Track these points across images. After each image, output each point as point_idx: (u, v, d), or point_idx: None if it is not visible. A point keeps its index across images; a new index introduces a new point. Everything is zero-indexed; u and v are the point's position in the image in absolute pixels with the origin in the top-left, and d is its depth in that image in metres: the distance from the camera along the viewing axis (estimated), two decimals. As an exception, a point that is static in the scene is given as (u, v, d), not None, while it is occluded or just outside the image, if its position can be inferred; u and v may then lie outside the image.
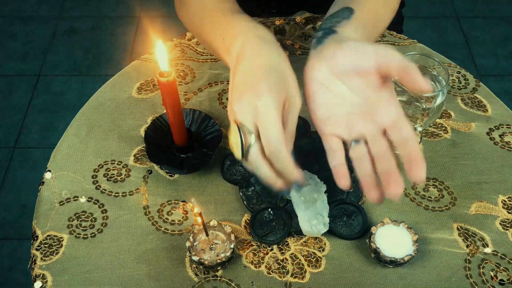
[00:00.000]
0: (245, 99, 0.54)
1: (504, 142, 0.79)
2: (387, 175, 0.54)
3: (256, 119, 0.54)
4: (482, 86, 0.86)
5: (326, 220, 0.66)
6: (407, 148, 0.52)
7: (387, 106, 0.55)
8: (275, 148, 0.53)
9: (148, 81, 0.86)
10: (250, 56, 0.58)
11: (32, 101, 1.87)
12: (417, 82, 0.52)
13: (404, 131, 0.53)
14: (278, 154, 0.53)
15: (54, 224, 0.70)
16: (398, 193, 0.52)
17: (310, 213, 0.66)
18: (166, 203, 0.72)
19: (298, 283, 0.65)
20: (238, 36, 0.60)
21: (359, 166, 0.56)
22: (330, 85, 0.57)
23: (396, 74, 0.53)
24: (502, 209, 0.72)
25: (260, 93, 0.53)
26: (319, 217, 0.66)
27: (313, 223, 0.66)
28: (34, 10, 2.17)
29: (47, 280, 0.65)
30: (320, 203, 0.67)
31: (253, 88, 0.54)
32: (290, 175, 0.55)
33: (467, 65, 1.98)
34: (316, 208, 0.66)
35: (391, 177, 0.53)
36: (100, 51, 2.02)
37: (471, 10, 2.20)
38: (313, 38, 0.63)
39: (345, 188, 0.56)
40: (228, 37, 0.62)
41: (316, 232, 0.66)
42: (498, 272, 0.66)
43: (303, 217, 0.65)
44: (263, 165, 0.55)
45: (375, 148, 0.55)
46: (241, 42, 0.60)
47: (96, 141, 0.78)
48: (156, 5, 2.17)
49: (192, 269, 0.66)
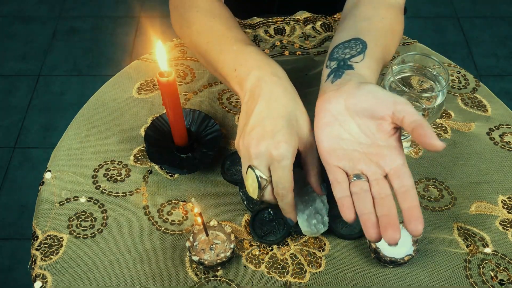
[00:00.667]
0: (263, 147, 0.58)
1: (504, 142, 0.79)
2: (386, 218, 0.54)
3: (271, 165, 0.59)
4: (482, 86, 0.86)
5: (326, 219, 0.66)
6: (407, 202, 0.53)
7: (394, 153, 0.56)
8: (283, 194, 0.60)
9: (148, 81, 0.86)
10: (267, 98, 0.61)
11: (32, 101, 1.87)
12: (430, 139, 0.53)
13: (405, 181, 0.54)
14: (285, 199, 0.61)
15: (54, 224, 0.70)
16: (395, 239, 0.52)
17: (309, 212, 0.66)
18: (166, 203, 0.72)
19: (298, 283, 0.65)
20: (252, 70, 0.63)
21: (358, 201, 0.56)
22: (342, 121, 0.59)
23: (409, 129, 0.54)
24: (502, 209, 0.72)
25: (278, 144, 0.58)
26: (318, 217, 0.66)
27: (312, 222, 0.66)
28: (34, 10, 2.17)
29: (47, 280, 0.65)
30: (319, 202, 0.66)
31: (271, 137, 0.58)
32: (287, 214, 0.63)
33: (467, 65, 1.98)
34: (315, 207, 0.66)
35: (390, 222, 0.53)
36: (100, 51, 2.02)
37: (471, 10, 2.20)
38: (326, 67, 0.65)
39: (349, 221, 0.56)
40: (240, 69, 0.64)
41: (316, 231, 0.66)
42: (498, 272, 0.66)
43: (302, 216, 0.66)
44: (275, 201, 0.63)
45: (376, 189, 0.56)
46: (256, 78, 0.62)
47: (96, 141, 0.78)
48: (156, 5, 2.17)
49: (192, 269, 0.66)
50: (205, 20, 0.72)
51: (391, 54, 0.72)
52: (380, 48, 0.68)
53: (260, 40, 0.91)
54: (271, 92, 0.61)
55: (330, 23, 0.94)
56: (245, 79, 0.63)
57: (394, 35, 0.73)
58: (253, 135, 0.59)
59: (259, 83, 0.62)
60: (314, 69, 0.87)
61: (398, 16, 0.76)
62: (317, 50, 0.90)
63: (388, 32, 0.71)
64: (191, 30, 0.73)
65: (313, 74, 0.87)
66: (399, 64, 0.71)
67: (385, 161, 0.56)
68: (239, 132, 0.62)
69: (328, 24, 0.94)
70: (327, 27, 0.93)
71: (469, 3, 2.22)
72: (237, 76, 0.64)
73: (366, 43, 0.66)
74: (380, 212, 0.54)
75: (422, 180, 0.75)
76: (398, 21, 0.75)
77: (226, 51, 0.67)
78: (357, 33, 0.69)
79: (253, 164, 0.60)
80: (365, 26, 0.70)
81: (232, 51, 0.66)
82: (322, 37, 0.92)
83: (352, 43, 0.67)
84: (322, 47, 0.90)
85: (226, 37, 0.69)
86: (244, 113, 0.62)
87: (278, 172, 0.59)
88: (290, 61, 0.88)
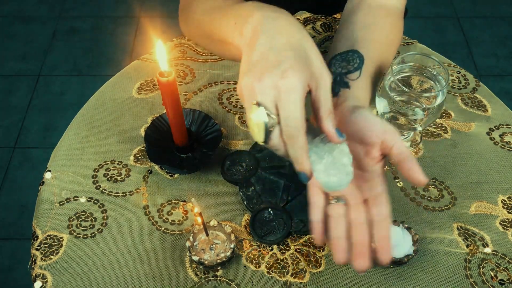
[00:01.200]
0: (266, 79, 0.50)
1: (504, 142, 0.79)
2: (359, 246, 0.55)
3: (278, 101, 0.50)
4: (482, 86, 0.86)
5: (349, 169, 0.55)
6: (380, 231, 0.55)
7: (376, 179, 0.57)
8: (294, 135, 0.51)
9: (148, 81, 0.86)
10: (270, 32, 0.53)
11: (32, 101, 1.87)
12: (416, 173, 0.54)
13: (383, 210, 0.56)
14: (296, 142, 0.51)
15: (54, 224, 0.70)
16: (363, 268, 0.54)
17: (326, 162, 0.55)
18: (166, 203, 0.72)
19: (298, 283, 0.65)
20: (253, 14, 0.56)
21: (333, 225, 0.57)
22: None
23: (396, 160, 0.55)
24: (502, 209, 0.72)
25: (284, 74, 0.50)
26: (339, 166, 0.55)
27: (331, 172, 0.54)
28: (34, 10, 2.17)
29: (47, 280, 0.65)
30: (339, 152, 0.55)
31: (275, 67, 0.50)
32: (300, 165, 0.52)
33: (467, 65, 1.98)
34: (333, 157, 0.55)
35: (362, 251, 0.55)
36: (100, 51, 2.02)
37: (471, 10, 2.20)
38: None
39: (317, 244, 0.57)
40: (241, 19, 0.58)
41: (337, 182, 0.54)
42: (498, 272, 0.66)
43: (319, 168, 0.54)
44: (283, 147, 0.53)
45: (354, 214, 0.56)
46: (257, 18, 0.55)
47: (96, 141, 0.78)
48: (156, 5, 2.17)
49: (192, 269, 0.66)
50: (210, 2, 0.70)
51: (388, 64, 0.73)
52: (376, 63, 0.69)
53: (260, 40, 0.91)
54: (274, 26, 0.54)
55: (330, 23, 0.94)
56: (244, 25, 0.56)
57: (392, 46, 0.74)
58: (255, 70, 0.51)
59: (260, 22, 0.54)
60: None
61: (397, 23, 0.76)
62: (317, 50, 0.90)
63: (386, 43, 0.72)
64: (196, 14, 0.72)
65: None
66: (399, 64, 0.71)
67: (367, 185, 0.57)
68: (241, 75, 0.53)
69: (328, 24, 0.94)
70: (327, 27, 0.93)
71: (469, 3, 2.22)
72: (237, 28, 0.58)
73: (363, 58, 0.66)
74: (355, 238, 0.56)
75: (422, 180, 0.75)
76: (396, 28, 0.76)
77: (227, 14, 0.62)
78: (355, 43, 0.69)
79: (257, 101, 0.51)
80: (363, 36, 0.71)
81: (233, 10, 0.61)
82: (322, 37, 0.92)
83: (350, 55, 0.67)
84: (322, 47, 0.90)
85: (228, 6, 0.64)
86: (246, 56, 0.54)
87: (287, 107, 0.50)
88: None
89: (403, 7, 0.78)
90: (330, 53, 0.71)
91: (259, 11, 0.55)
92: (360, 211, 0.56)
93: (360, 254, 0.54)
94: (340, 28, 0.76)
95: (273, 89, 0.50)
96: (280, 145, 0.52)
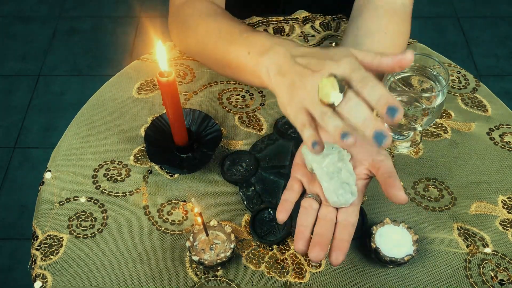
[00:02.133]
0: (325, 70, 0.51)
1: (504, 142, 0.79)
2: (319, 237, 0.56)
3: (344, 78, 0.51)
4: (482, 86, 0.86)
5: (354, 189, 0.60)
6: (342, 234, 0.56)
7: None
8: (371, 79, 0.49)
9: (148, 81, 0.86)
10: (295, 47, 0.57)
11: (32, 101, 1.87)
12: (397, 190, 0.55)
13: (351, 219, 0.58)
14: (375, 84, 0.49)
15: (54, 224, 0.70)
16: (317, 259, 0.55)
17: (335, 183, 0.60)
18: (166, 203, 0.72)
19: (298, 283, 0.65)
20: (273, 46, 0.59)
21: (302, 213, 0.58)
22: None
23: (382, 178, 0.57)
24: (502, 209, 0.72)
25: (339, 61, 0.51)
26: (346, 186, 0.60)
27: (339, 192, 0.60)
28: (34, 10, 2.17)
29: (47, 280, 0.65)
30: (345, 172, 0.61)
31: (328, 59, 0.52)
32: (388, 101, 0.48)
33: (467, 65, 1.98)
34: (341, 177, 0.61)
35: (321, 242, 0.56)
36: (100, 51, 2.02)
37: (471, 10, 2.20)
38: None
39: (279, 220, 0.58)
40: (254, 50, 0.61)
41: (344, 201, 0.60)
42: (498, 272, 0.66)
43: (328, 188, 0.60)
44: (362, 104, 0.49)
45: (324, 211, 0.59)
46: (282, 52, 0.57)
47: (96, 141, 0.78)
48: (156, 5, 2.17)
49: (192, 269, 0.66)
50: (210, 21, 0.72)
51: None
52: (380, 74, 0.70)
53: (260, 40, 0.91)
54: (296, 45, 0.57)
55: (329, 21, 0.94)
56: (262, 55, 0.59)
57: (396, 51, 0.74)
58: (304, 72, 0.53)
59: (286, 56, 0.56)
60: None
61: (403, 26, 0.76)
62: (317, 50, 0.90)
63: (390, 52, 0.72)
64: (196, 33, 0.73)
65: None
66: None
67: None
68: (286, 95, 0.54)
69: (327, 23, 0.94)
70: (326, 25, 0.93)
71: (469, 3, 2.22)
72: (252, 58, 0.61)
73: None
74: (317, 230, 0.57)
75: (422, 180, 0.75)
76: (401, 32, 0.76)
77: (236, 41, 0.65)
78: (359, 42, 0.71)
79: (330, 73, 0.51)
80: (367, 45, 0.72)
81: (242, 38, 0.64)
82: (321, 36, 0.92)
83: None
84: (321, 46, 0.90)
85: (234, 31, 0.67)
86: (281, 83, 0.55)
87: (356, 71, 0.50)
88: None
89: (411, 4, 0.78)
90: None
91: (280, 46, 0.58)
92: (330, 212, 0.59)
93: (318, 244, 0.55)
94: (347, 31, 0.77)
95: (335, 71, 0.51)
96: (358, 101, 0.50)
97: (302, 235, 0.56)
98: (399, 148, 0.78)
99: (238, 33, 0.66)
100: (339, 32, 0.92)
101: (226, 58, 0.67)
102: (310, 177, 0.61)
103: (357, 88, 0.49)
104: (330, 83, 0.50)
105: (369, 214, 0.70)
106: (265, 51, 0.59)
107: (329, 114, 0.50)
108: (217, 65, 0.72)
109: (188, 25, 0.75)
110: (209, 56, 0.72)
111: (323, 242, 0.55)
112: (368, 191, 0.73)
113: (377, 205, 0.72)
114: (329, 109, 0.50)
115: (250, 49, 0.61)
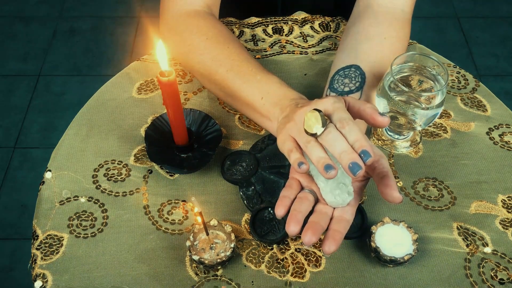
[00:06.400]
0: (311, 105, 0.58)
1: (503, 141, 0.79)
2: (313, 224, 0.57)
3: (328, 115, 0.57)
4: (481, 86, 0.86)
5: (350, 189, 0.61)
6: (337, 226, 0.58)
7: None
8: (348, 122, 0.55)
9: (148, 81, 0.86)
10: (301, 99, 0.65)
11: (32, 101, 1.87)
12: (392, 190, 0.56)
13: (346, 216, 0.59)
14: (352, 128, 0.55)
15: (55, 224, 0.70)
16: (309, 243, 0.55)
17: (332, 183, 0.61)
18: (166, 202, 0.72)
19: (298, 282, 0.65)
20: (282, 100, 0.65)
21: (298, 202, 0.59)
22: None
23: (377, 177, 0.58)
24: (502, 209, 0.72)
25: (323, 100, 0.58)
26: (342, 186, 0.61)
27: (336, 193, 0.61)
28: (34, 10, 2.17)
29: (47, 280, 0.65)
30: (341, 173, 0.61)
31: (317, 100, 0.59)
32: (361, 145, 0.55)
33: (467, 65, 1.98)
34: (337, 177, 0.61)
35: (315, 227, 0.56)
36: (100, 51, 2.02)
37: (471, 10, 2.20)
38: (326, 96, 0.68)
39: (278, 216, 0.59)
40: (267, 98, 0.67)
41: (341, 201, 0.61)
42: (498, 271, 0.66)
43: (325, 188, 0.61)
44: (341, 138, 0.55)
45: (320, 206, 0.60)
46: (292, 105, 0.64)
47: (96, 141, 0.78)
48: (156, 5, 2.17)
49: (192, 269, 0.66)
50: (219, 47, 0.74)
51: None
52: (377, 80, 0.72)
53: (258, 40, 0.91)
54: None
55: (328, 22, 0.94)
56: (275, 106, 0.65)
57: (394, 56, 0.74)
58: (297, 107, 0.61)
59: (291, 105, 0.63)
60: (313, 69, 0.87)
61: (403, 31, 0.77)
62: (316, 50, 0.90)
63: (388, 57, 0.73)
64: (204, 57, 0.74)
65: (312, 74, 0.87)
66: (398, 64, 0.71)
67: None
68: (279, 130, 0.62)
69: (326, 24, 0.94)
70: (325, 26, 0.93)
71: (469, 3, 2.22)
72: (264, 104, 0.67)
73: (365, 76, 0.70)
74: (311, 219, 0.58)
75: (422, 179, 0.75)
76: (400, 37, 0.76)
77: (250, 82, 0.70)
78: (358, 56, 0.72)
79: (315, 108, 0.57)
80: (366, 49, 0.73)
81: (255, 80, 0.69)
82: (321, 37, 0.92)
83: (352, 72, 0.71)
84: (320, 46, 0.90)
85: (247, 68, 0.71)
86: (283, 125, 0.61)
87: (337, 111, 0.57)
88: (288, 61, 0.89)
89: (411, 10, 0.78)
90: (334, 63, 0.74)
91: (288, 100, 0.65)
92: (326, 208, 0.59)
93: (312, 229, 0.56)
94: (345, 35, 0.77)
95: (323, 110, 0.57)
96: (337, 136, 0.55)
97: (295, 218, 0.57)
98: (399, 148, 0.78)
99: (251, 73, 0.70)
100: (338, 33, 0.92)
101: (237, 94, 0.71)
102: (308, 177, 0.61)
103: (337, 127, 0.55)
104: (314, 116, 0.56)
105: (369, 214, 0.71)
106: (278, 101, 0.65)
107: (312, 143, 0.56)
108: (223, 93, 0.74)
109: (193, 45, 0.76)
110: (216, 82, 0.74)
111: (317, 228, 0.56)
112: (368, 191, 0.73)
113: (377, 204, 0.72)
114: (312, 138, 0.56)
115: (264, 95, 0.67)
